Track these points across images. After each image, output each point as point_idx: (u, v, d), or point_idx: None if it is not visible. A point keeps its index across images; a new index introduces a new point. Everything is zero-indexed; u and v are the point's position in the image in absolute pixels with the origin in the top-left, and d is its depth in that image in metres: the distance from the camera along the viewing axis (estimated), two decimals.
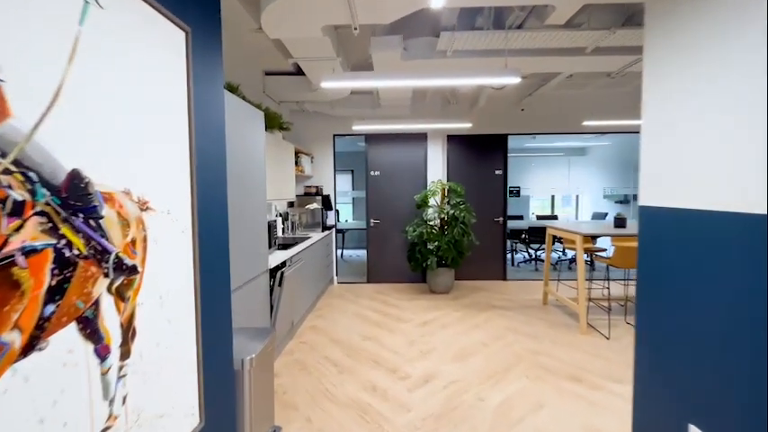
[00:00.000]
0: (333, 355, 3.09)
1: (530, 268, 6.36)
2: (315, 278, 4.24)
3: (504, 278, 5.57)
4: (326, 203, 5.11)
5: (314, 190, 5.05)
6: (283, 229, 4.46)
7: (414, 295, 4.84)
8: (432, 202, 5.06)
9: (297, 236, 4.38)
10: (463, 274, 5.32)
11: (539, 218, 7.12)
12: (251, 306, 2.34)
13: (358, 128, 4.62)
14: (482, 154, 5.45)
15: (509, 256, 6.58)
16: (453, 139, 5.41)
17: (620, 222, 3.84)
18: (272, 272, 2.84)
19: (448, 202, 4.67)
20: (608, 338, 3.37)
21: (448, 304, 4.44)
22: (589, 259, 6.69)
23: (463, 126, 4.78)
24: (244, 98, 2.47)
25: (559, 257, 7.26)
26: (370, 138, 5.31)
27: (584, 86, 5.07)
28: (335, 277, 5.47)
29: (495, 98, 5.28)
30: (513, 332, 3.54)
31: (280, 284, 2.68)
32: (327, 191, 5.35)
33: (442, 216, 4.50)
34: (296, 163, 4.58)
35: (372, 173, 5.35)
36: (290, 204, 5.06)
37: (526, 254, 6.99)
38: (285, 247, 3.44)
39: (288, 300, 2.82)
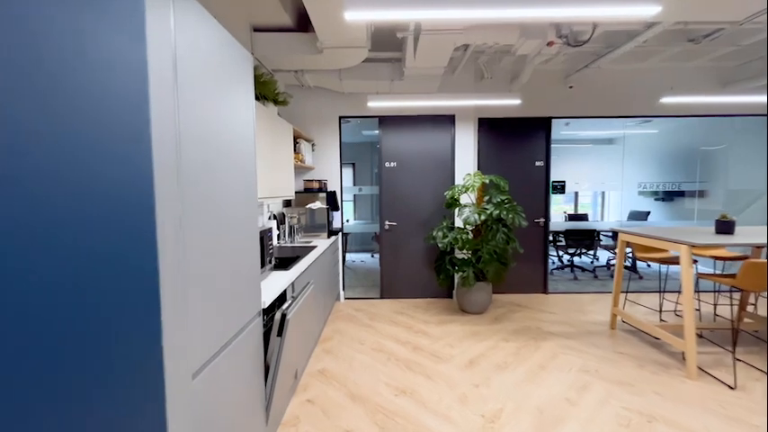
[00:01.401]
0: (356, 425, 2.11)
1: (566, 277, 5.45)
2: (322, 300, 3.25)
3: (545, 291, 4.64)
4: (332, 202, 4.10)
5: (316, 185, 4.04)
6: (279, 235, 3.44)
7: (443, 316, 3.87)
8: (464, 199, 4.09)
9: (297, 244, 3.37)
10: (496, 287, 4.38)
11: (570, 217, 6.24)
12: (229, 384, 1.34)
13: (375, 104, 3.61)
14: (520, 141, 4.49)
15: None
16: (486, 124, 4.45)
17: (724, 227, 2.93)
18: (267, 310, 1.83)
19: (489, 200, 3.71)
20: (733, 388, 2.45)
21: (491, 330, 3.49)
22: (631, 264, 5.83)
23: (509, 103, 3.81)
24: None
25: (593, 263, 6.39)
26: (386, 121, 4.31)
27: (648, 58, 4.15)
28: (342, 292, 4.47)
29: (538, 73, 4.33)
30: (596, 377, 2.60)
31: (280, 333, 1.68)
32: (333, 186, 4.35)
33: (483, 218, 3.54)
34: (295, 150, 3.56)
35: (387, 164, 4.36)
36: (287, 203, 4.03)
37: (557, 259, 6.09)
38: (284, 264, 2.43)
39: (291, 348, 1.84)
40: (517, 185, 4.45)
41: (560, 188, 4.68)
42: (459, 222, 3.98)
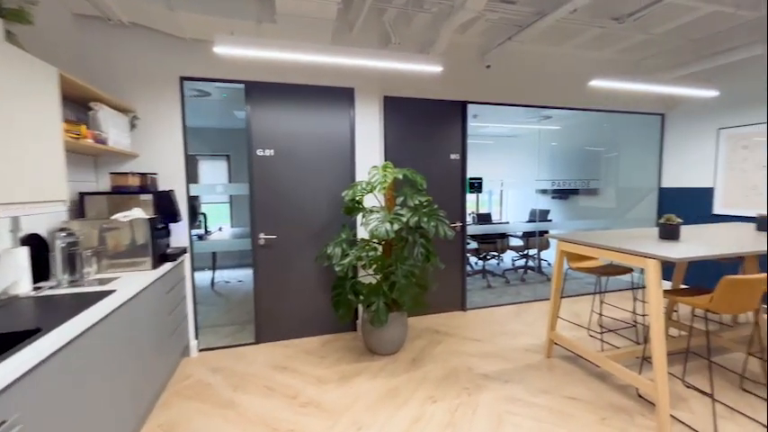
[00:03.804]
0: None
1: (479, 284, 4.91)
2: (140, 373, 1.81)
3: (464, 308, 3.94)
4: (168, 208, 2.61)
5: (135, 182, 2.49)
6: (48, 273, 1.84)
7: (345, 365, 2.76)
8: (370, 201, 3.05)
9: (82, 289, 1.84)
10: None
11: (480, 218, 5.81)
12: None
13: (228, 50, 2.26)
14: (433, 129, 3.66)
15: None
16: (393, 104, 3.49)
17: (669, 231, 2.49)
18: None
19: (403, 203, 2.73)
20: None
21: (411, 382, 2.51)
22: (536, 265, 5.65)
23: (426, 71, 2.89)
24: None
25: (499, 264, 6.11)
26: (256, 90, 2.98)
27: (564, 42, 3.72)
28: (194, 342, 2.99)
29: (454, 48, 3.54)
30: None
31: None
32: (172, 183, 2.83)
33: (397, 227, 2.53)
34: (74, 120, 2.00)
35: (261, 152, 3.04)
36: (80, 213, 2.39)
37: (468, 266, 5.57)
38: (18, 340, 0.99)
39: None
40: (429, 182, 3.61)
41: (477, 186, 4.04)
42: (364, 233, 2.92)
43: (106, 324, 1.60)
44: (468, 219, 6.11)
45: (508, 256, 6.36)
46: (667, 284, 3.78)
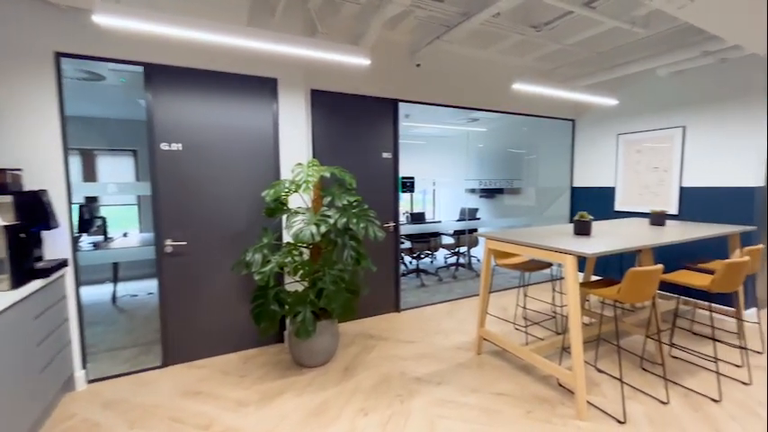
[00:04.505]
0: None
1: (414, 284, 4.92)
2: None
3: (398, 309, 3.88)
4: (36, 211, 2.11)
5: None
6: None
7: (269, 383, 2.50)
8: (295, 202, 2.82)
9: None
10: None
11: (414, 218, 5.84)
12: None
13: (106, 19, 1.88)
14: (364, 127, 3.54)
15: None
16: (321, 99, 3.29)
17: (583, 227, 2.66)
18: None
19: (331, 203, 2.55)
20: (623, 422, 2.07)
21: (342, 394, 2.35)
22: (467, 261, 5.85)
23: (353, 63, 2.75)
24: None
25: (432, 263, 6.22)
26: (159, 74, 2.58)
27: (489, 46, 3.86)
28: (81, 373, 2.49)
29: (384, 45, 3.46)
30: None
31: None
32: (45, 182, 2.31)
33: (324, 229, 2.35)
34: None
35: (164, 146, 2.64)
36: None
37: (402, 265, 5.57)
38: None
39: None
40: (361, 181, 3.49)
41: (410, 185, 4.01)
42: (289, 237, 2.68)
43: None
44: (403, 218, 6.14)
45: (441, 255, 6.52)
46: (580, 275, 4.12)
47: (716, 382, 2.44)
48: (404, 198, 7.14)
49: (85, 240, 4.44)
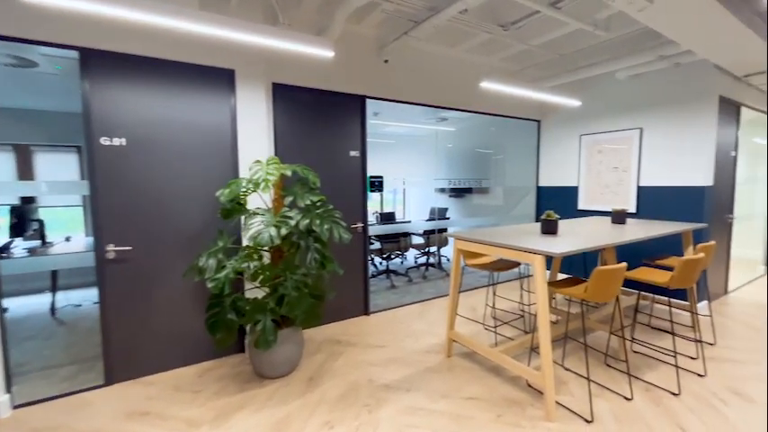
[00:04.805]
0: None
1: (383, 285, 4.83)
2: None
3: (367, 312, 3.77)
4: None
5: None
6: None
7: (227, 398, 2.31)
8: (254, 202, 2.64)
9: None
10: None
11: (383, 218, 5.74)
12: None
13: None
14: (330, 124, 3.40)
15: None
16: (285, 93, 3.11)
17: (550, 226, 2.67)
18: None
19: (293, 204, 2.39)
20: (590, 421, 2.07)
21: (306, 407, 2.21)
22: (437, 261, 5.83)
23: (317, 54, 2.60)
24: None
25: (403, 263, 6.15)
26: (96, 59, 2.31)
27: (457, 44, 3.83)
28: (4, 398, 2.19)
29: (350, 38, 3.33)
30: None
31: None
32: None
33: (285, 231, 2.19)
34: None
35: (105, 141, 2.38)
36: None
37: (372, 266, 5.47)
38: None
39: None
40: (328, 181, 3.35)
41: (378, 185, 3.91)
42: (248, 240, 2.50)
43: None
44: (372, 218, 6.03)
45: (411, 255, 6.48)
46: (547, 272, 4.19)
47: (675, 376, 2.52)
48: (373, 198, 7.05)
49: (20, 246, 3.99)
